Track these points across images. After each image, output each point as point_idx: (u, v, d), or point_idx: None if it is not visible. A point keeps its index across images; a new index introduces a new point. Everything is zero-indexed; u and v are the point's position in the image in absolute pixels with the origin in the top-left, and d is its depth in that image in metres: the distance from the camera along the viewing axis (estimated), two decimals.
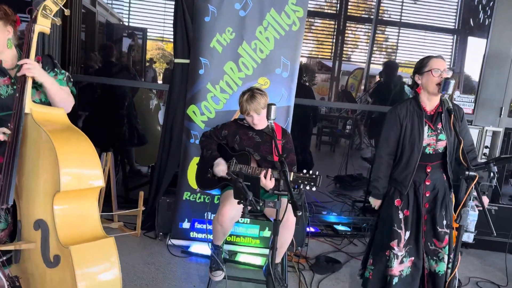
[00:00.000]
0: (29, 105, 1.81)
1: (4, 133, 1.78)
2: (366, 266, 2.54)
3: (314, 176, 2.08)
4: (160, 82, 6.34)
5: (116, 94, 4.21)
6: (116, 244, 1.79)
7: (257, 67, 3.11)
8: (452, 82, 2.18)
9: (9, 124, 1.86)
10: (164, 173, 3.39)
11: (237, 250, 3.19)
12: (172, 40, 3.38)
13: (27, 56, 1.81)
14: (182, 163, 3.25)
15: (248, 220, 3.14)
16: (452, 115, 2.16)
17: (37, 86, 1.93)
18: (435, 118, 2.35)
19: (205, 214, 3.21)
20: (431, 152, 2.35)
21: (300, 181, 2.06)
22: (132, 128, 4.23)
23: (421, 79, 2.34)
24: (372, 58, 7.27)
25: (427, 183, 2.38)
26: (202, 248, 3.14)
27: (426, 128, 2.34)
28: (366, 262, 2.57)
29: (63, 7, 1.88)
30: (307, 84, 5.80)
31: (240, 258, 3.11)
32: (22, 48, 1.89)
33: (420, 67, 2.34)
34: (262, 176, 2.23)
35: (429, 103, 2.36)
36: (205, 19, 3.03)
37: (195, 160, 3.15)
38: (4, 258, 1.80)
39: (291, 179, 2.12)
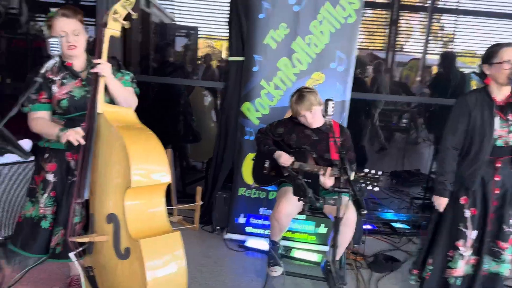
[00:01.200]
0: (102, 106, 1.92)
1: (82, 136, 1.89)
2: (424, 267, 2.45)
3: (376, 176, 2.03)
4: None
5: (173, 93, 4.36)
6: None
7: (311, 62, 3.08)
8: None
9: (82, 124, 1.99)
10: (220, 169, 3.46)
11: (292, 246, 3.20)
12: (221, 37, 3.43)
13: (99, 58, 1.92)
14: (237, 159, 3.30)
15: (305, 216, 3.13)
16: None
17: (105, 88, 2.04)
18: (507, 108, 2.21)
19: (260, 210, 3.25)
20: (502, 145, 2.22)
21: (361, 181, 2.02)
22: (187, 125, 4.36)
23: (490, 69, 2.21)
24: (428, 48, 6.95)
25: (496, 179, 2.25)
26: (258, 243, 3.18)
27: (497, 119, 2.20)
28: (423, 262, 2.47)
29: (131, 11, 1.96)
30: (359, 76, 5.65)
31: (296, 254, 3.12)
32: (92, 52, 2.00)
33: (489, 56, 2.20)
34: (321, 173, 2.22)
35: (500, 93, 2.22)
36: (259, 16, 3.04)
37: (250, 156, 3.19)
38: (80, 249, 1.93)
39: (352, 178, 2.08)
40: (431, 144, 5.12)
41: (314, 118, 2.45)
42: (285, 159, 2.47)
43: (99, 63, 1.89)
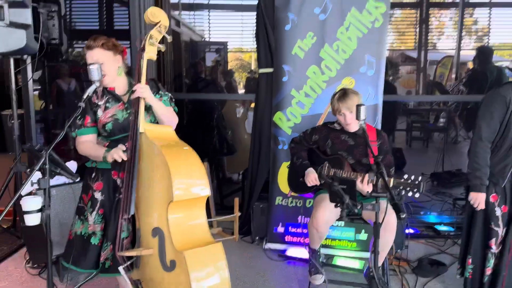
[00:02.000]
0: (143, 125, 2.01)
1: (123, 151, 1.98)
2: (465, 266, 2.40)
3: (416, 182, 2.00)
4: (241, 91, 6.57)
5: (206, 108, 4.47)
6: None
7: (340, 68, 3.08)
8: None
9: (126, 144, 2.09)
10: (256, 180, 3.50)
11: (333, 253, 3.17)
12: (250, 50, 3.50)
13: (139, 81, 2.02)
14: (272, 169, 3.33)
15: (343, 223, 3.11)
16: None
17: (147, 109, 2.14)
18: None
19: (298, 218, 3.25)
20: None
21: (401, 187, 1.99)
22: (222, 138, 4.46)
23: None
24: (462, 44, 6.74)
25: None
26: (298, 252, 3.18)
27: None
28: (464, 261, 2.42)
29: (166, 35, 2.05)
30: (391, 78, 5.57)
31: (337, 261, 3.09)
32: (132, 75, 2.10)
33: None
34: (358, 181, 2.21)
35: None
36: (286, 28, 3.09)
37: (284, 165, 3.21)
38: (128, 263, 2.02)
39: (391, 185, 2.06)
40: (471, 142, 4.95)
41: (352, 119, 2.41)
42: (311, 179, 2.48)
43: (136, 89, 1.98)
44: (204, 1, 6.04)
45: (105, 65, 2.03)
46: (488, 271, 2.29)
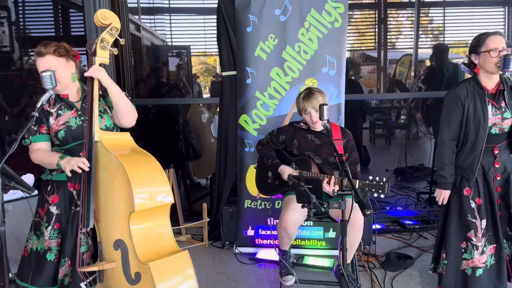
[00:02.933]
0: (98, 133, 1.93)
1: (83, 163, 1.89)
2: (439, 261, 2.43)
3: (381, 183, 2.03)
4: (207, 95, 6.52)
5: (170, 113, 4.40)
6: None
7: (303, 69, 3.11)
8: None
9: (81, 154, 2.00)
10: (223, 184, 3.47)
11: (303, 253, 3.19)
12: (214, 53, 3.47)
13: (92, 88, 1.94)
14: (239, 172, 3.31)
15: (312, 222, 3.13)
16: None
17: (100, 114, 2.06)
18: (498, 96, 2.22)
19: (268, 220, 3.24)
20: (497, 132, 2.22)
21: (367, 189, 2.02)
22: (188, 143, 4.39)
23: (478, 58, 2.22)
24: (419, 43, 6.99)
25: (497, 166, 2.25)
26: (269, 254, 3.17)
27: (489, 107, 2.21)
28: (438, 257, 2.46)
29: (118, 37, 1.99)
30: (352, 78, 5.69)
31: (308, 261, 3.11)
32: (84, 81, 2.02)
33: (476, 46, 2.22)
34: (325, 183, 2.22)
35: (490, 81, 2.24)
36: (247, 30, 3.08)
37: (252, 168, 3.20)
38: (91, 278, 1.93)
39: (356, 187, 2.08)
40: (431, 137, 5.12)
41: (318, 118, 2.41)
42: (288, 173, 2.47)
43: (91, 69, 1.90)
44: (165, 4, 5.94)
45: (58, 72, 1.95)
46: (470, 263, 2.30)
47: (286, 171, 2.48)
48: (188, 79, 5.56)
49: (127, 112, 2.05)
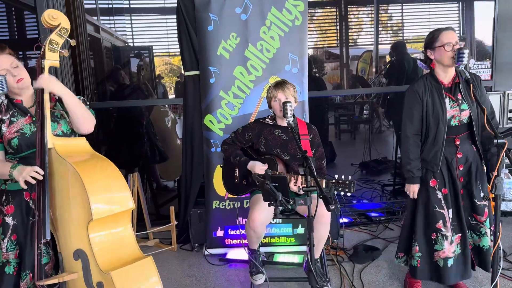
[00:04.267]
0: (51, 140, 1.85)
1: (37, 172, 1.82)
2: (410, 254, 2.46)
3: (347, 182, 2.05)
4: (172, 96, 6.42)
5: (133, 115, 4.28)
6: (155, 262, 1.81)
7: (266, 67, 3.11)
8: (466, 51, 2.13)
9: (36, 162, 1.91)
10: (190, 185, 3.42)
11: (273, 251, 3.19)
12: (178, 53, 3.41)
13: (42, 94, 1.86)
14: (206, 173, 3.27)
15: (280, 219, 3.14)
16: (471, 85, 2.12)
17: (57, 119, 1.98)
18: (454, 89, 2.31)
19: (237, 220, 3.23)
20: (456, 124, 2.30)
21: (333, 188, 2.04)
22: (153, 146, 4.29)
23: (433, 54, 2.30)
24: (379, 39, 7.17)
25: (459, 156, 2.32)
26: (239, 254, 3.16)
27: (447, 100, 2.29)
28: (408, 250, 2.49)
29: (68, 39, 1.91)
30: (317, 75, 5.77)
31: (278, 258, 3.11)
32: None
33: (431, 42, 2.30)
34: (291, 183, 2.23)
35: (446, 75, 2.31)
36: (208, 28, 3.05)
37: (219, 168, 3.17)
38: None
39: (323, 186, 2.10)
40: (393, 131, 5.27)
41: None
42: (259, 168, 2.45)
43: (39, 80, 1.84)
44: (124, 5, 5.79)
45: (20, 69, 1.90)
46: (442, 254, 2.34)
47: (256, 165, 2.46)
48: (152, 80, 5.45)
49: (83, 119, 1.98)
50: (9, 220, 1.97)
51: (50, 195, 1.83)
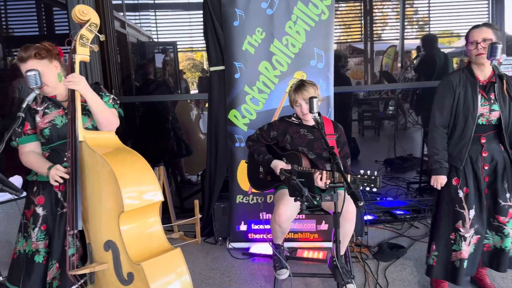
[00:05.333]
0: (82, 133, 1.89)
1: (61, 177, 1.88)
2: (429, 253, 2.43)
3: (373, 177, 2.03)
4: (194, 91, 6.48)
5: (159, 110, 4.35)
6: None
7: (291, 63, 3.09)
8: (499, 46, 2.08)
9: (66, 153, 1.97)
10: (215, 180, 3.45)
11: (296, 246, 3.20)
12: (201, 49, 3.44)
13: (73, 90, 1.90)
14: (230, 168, 3.29)
15: (304, 215, 3.14)
16: (505, 81, 2.06)
17: (88, 113, 2.03)
18: (488, 88, 2.25)
19: (260, 215, 3.24)
20: (484, 123, 2.24)
21: (360, 183, 2.03)
22: (178, 140, 4.35)
23: (466, 50, 2.28)
24: (405, 33, 7.02)
25: (484, 155, 2.27)
26: (262, 248, 3.17)
27: (479, 97, 2.23)
28: (429, 249, 2.46)
29: (98, 34, 1.94)
30: (340, 70, 5.72)
31: (301, 254, 3.11)
32: None
33: (465, 38, 2.29)
34: (317, 178, 2.21)
35: (481, 72, 2.26)
36: (234, 24, 3.06)
37: (243, 163, 3.19)
38: (82, 281, 1.90)
39: (348, 181, 2.08)
40: (421, 127, 5.17)
41: (308, 110, 2.37)
42: (281, 167, 2.45)
43: (68, 79, 1.87)
44: (149, 1, 5.87)
45: (43, 76, 1.90)
46: (459, 254, 2.30)
47: (279, 165, 2.47)
48: (175, 75, 5.51)
49: (107, 123, 2.01)
50: (40, 210, 2.03)
51: (81, 187, 1.88)
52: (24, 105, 1.82)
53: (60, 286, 1.96)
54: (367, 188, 2.02)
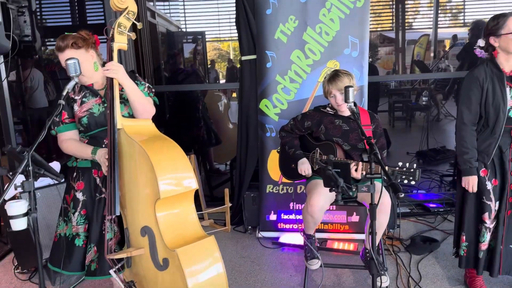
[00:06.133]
0: (120, 121, 1.92)
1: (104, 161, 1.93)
2: (459, 245, 2.40)
3: (412, 170, 1.97)
4: (222, 81, 6.49)
5: (190, 99, 4.39)
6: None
7: (324, 51, 3.04)
8: None
9: (105, 140, 2.01)
10: (245, 169, 3.46)
11: (326, 237, 3.18)
12: (228, 38, 3.42)
13: (112, 78, 1.93)
14: (261, 157, 3.29)
15: (335, 206, 3.11)
16: None
17: (124, 101, 2.06)
18: None
19: (290, 205, 3.24)
20: None
21: (397, 175, 1.97)
22: (208, 129, 4.39)
23: (498, 41, 2.15)
24: (438, 22, 6.79)
25: None
26: (292, 238, 3.17)
27: (508, 90, 2.14)
28: (458, 240, 2.43)
29: (135, 21, 1.95)
30: (370, 60, 5.61)
31: (331, 245, 3.09)
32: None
33: (496, 28, 2.14)
34: (353, 169, 2.18)
35: (507, 64, 2.17)
36: (267, 12, 3.03)
37: (274, 153, 3.18)
38: (119, 265, 1.95)
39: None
40: (453, 119, 5.01)
41: (343, 101, 2.32)
42: (304, 169, 2.47)
43: (107, 67, 1.89)
44: None
45: (80, 65, 1.92)
46: (483, 246, 2.29)
47: (305, 165, 2.48)
48: (204, 65, 5.54)
49: (143, 110, 2.03)
50: (79, 195, 2.09)
51: (119, 173, 1.91)
52: (64, 93, 1.86)
53: (98, 269, 2.02)
54: (405, 181, 1.97)
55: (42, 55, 4.56)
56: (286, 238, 3.21)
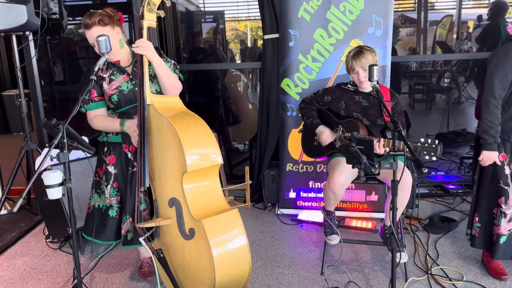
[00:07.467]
0: (150, 97, 1.99)
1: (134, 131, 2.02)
2: (472, 226, 2.42)
3: (434, 146, 1.98)
4: (238, 61, 6.48)
5: (210, 78, 4.43)
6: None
7: (347, 30, 3.03)
8: None
9: (134, 116, 2.08)
10: (265, 147, 3.51)
11: (344, 215, 3.23)
12: (244, 18, 3.41)
13: (141, 55, 1.98)
14: (281, 136, 3.33)
15: (354, 185, 3.15)
16: None
17: (152, 78, 2.12)
18: None
19: (310, 183, 3.29)
20: None
21: (420, 151, 1.99)
22: (227, 109, 4.43)
23: None
24: (462, 2, 6.60)
25: None
26: (310, 215, 3.24)
27: None
28: (472, 221, 2.44)
29: None
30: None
31: (349, 222, 3.15)
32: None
33: None
34: (377, 145, 2.20)
35: None
36: None
37: (294, 132, 3.22)
38: (148, 234, 2.05)
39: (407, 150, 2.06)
40: (475, 102, 4.93)
41: (366, 78, 2.33)
42: (324, 139, 2.48)
43: (137, 44, 1.94)
44: None
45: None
46: (498, 229, 2.28)
47: (325, 132, 2.48)
48: (223, 44, 5.54)
49: (171, 86, 2.10)
50: (111, 169, 2.19)
51: (149, 148, 1.99)
52: (95, 69, 1.92)
53: (134, 238, 2.14)
54: (426, 157, 1.99)
55: (68, 33, 4.64)
56: (305, 215, 3.27)
